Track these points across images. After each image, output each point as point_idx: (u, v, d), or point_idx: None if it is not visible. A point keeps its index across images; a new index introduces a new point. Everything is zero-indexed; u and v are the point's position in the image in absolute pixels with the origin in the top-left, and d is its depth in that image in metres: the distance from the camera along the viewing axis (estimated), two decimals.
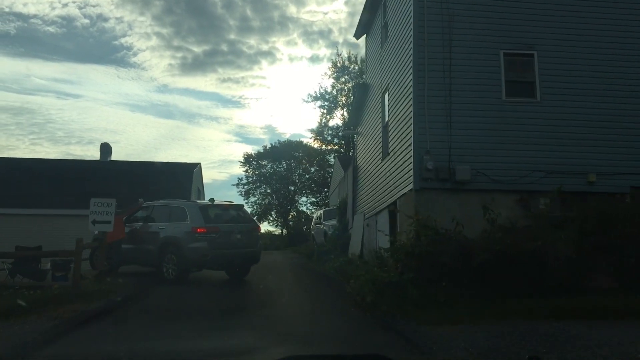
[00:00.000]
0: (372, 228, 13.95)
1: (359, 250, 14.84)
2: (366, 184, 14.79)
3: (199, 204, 12.40)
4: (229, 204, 13.15)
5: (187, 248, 11.77)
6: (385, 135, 12.93)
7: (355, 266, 13.43)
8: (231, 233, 12.15)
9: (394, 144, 11.80)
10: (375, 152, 13.77)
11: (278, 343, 6.10)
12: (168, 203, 13.03)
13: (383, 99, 13.13)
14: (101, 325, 7.43)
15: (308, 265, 17.04)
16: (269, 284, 12.31)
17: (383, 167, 12.80)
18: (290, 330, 7.09)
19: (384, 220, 12.75)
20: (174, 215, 12.56)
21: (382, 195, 12.79)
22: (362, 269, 12.14)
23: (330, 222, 20.53)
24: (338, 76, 44.82)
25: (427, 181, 10.03)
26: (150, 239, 12.60)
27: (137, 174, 30.24)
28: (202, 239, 11.77)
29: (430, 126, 10.19)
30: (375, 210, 13.61)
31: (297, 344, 6.10)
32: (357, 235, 15.22)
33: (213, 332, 6.63)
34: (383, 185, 12.73)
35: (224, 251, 11.95)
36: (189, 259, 11.75)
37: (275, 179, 51.39)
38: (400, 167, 11.08)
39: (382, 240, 12.76)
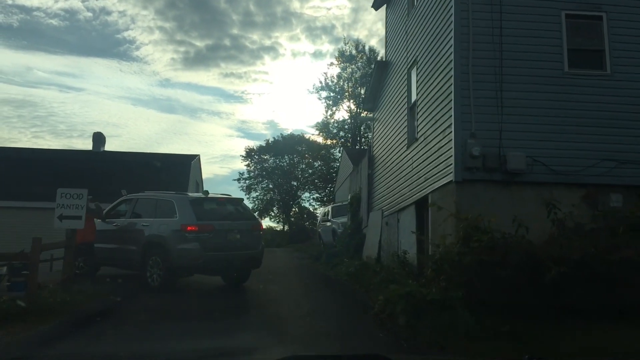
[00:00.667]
0: (392, 227, 11.98)
1: (375, 252, 12.88)
2: (385, 176, 12.82)
3: (190, 197, 10.44)
4: (226, 197, 11.19)
5: (175, 249, 9.82)
6: (412, 118, 10.95)
7: (374, 272, 11.48)
8: (228, 232, 10.20)
9: (424, 128, 9.81)
10: (398, 138, 11.79)
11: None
12: (154, 195, 11.07)
13: (409, 76, 11.14)
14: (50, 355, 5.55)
15: (316, 268, 15.09)
16: (272, 292, 10.37)
17: (409, 156, 10.82)
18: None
19: (409, 219, 10.78)
20: (161, 209, 10.61)
21: (407, 189, 10.81)
22: (384, 277, 10.22)
23: (339, 220, 18.56)
24: (345, 66, 42.79)
25: (472, 171, 8.06)
26: (132, 238, 10.65)
27: (131, 166, 28.36)
28: (193, 239, 9.82)
29: (475, 103, 8.21)
30: (397, 207, 11.64)
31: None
32: (374, 235, 13.26)
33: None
34: (408, 177, 10.76)
35: (220, 253, 10.00)
36: (177, 263, 9.80)
37: (278, 173, 49.87)
38: (434, 154, 9.11)
39: (407, 242, 10.81)
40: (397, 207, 11.60)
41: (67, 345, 5.86)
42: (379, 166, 13.60)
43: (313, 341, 6.30)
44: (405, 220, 11.08)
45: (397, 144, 11.82)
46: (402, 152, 11.38)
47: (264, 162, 50.19)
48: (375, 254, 12.88)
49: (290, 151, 49.05)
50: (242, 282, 11.11)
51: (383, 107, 13.53)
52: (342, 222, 18.18)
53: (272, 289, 10.89)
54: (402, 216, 11.29)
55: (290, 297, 9.76)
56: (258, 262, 10.79)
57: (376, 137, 14.18)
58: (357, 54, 42.42)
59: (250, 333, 6.95)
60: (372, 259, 12.98)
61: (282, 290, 10.55)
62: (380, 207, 13.22)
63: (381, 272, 10.72)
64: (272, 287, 11.16)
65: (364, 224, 14.70)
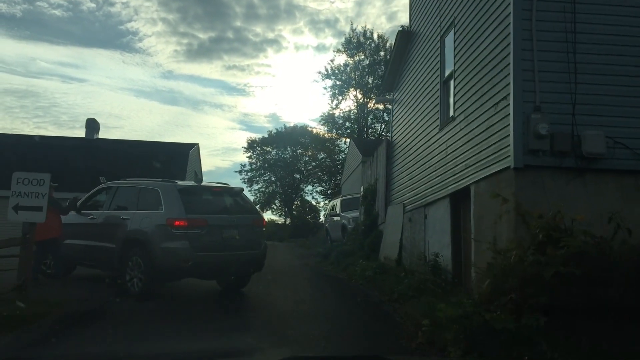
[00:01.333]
0: (417, 224, 10.20)
1: (395, 253, 11.11)
2: (408, 165, 11.03)
3: (179, 186, 8.66)
4: (223, 186, 9.42)
5: (160, 249, 8.08)
6: (446, 95, 9.15)
7: (396, 277, 9.73)
8: (224, 228, 8.45)
9: (464, 104, 8.01)
10: (426, 120, 9.99)
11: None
12: (136, 183, 9.30)
13: (442, 45, 9.31)
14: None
15: (325, 268, 13.35)
16: (276, 301, 8.63)
17: (441, 139, 9.02)
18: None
19: (440, 215, 9.00)
20: (144, 200, 8.85)
21: (439, 180, 9.03)
22: (412, 285, 8.46)
23: (350, 214, 16.79)
24: (352, 53, 40.84)
25: (537, 155, 6.27)
26: (110, 234, 8.91)
27: (125, 154, 26.58)
28: (182, 236, 8.08)
29: (540, 68, 6.40)
30: (423, 201, 9.86)
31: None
32: (393, 233, 11.49)
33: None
34: (440, 165, 8.97)
35: (214, 254, 8.26)
36: (161, 265, 8.06)
37: (280, 166, 48.54)
38: (480, 135, 7.31)
39: (437, 243, 9.05)
40: (424, 201, 9.82)
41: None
42: (399, 154, 11.81)
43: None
44: (435, 216, 9.30)
45: (425, 126, 10.02)
46: (431, 135, 9.58)
47: (266, 154, 48.93)
48: (395, 255, 11.12)
49: (293, 143, 47.86)
50: (240, 287, 9.38)
51: (405, 85, 11.71)
52: (352, 217, 16.42)
53: (275, 295, 9.15)
54: (431, 211, 9.51)
55: (298, 308, 8.00)
56: (260, 265, 9.03)
57: (396, 121, 12.37)
58: (365, 41, 40.46)
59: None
60: (392, 261, 11.21)
61: (287, 298, 8.79)
62: (400, 200, 11.44)
63: (406, 277, 8.96)
64: (275, 293, 9.42)
65: (380, 220, 12.93)
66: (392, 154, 12.41)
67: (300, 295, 9.31)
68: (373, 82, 40.47)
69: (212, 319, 7.24)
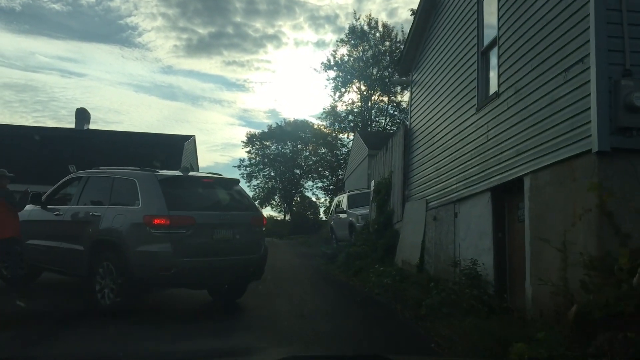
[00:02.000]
0: (445, 224, 8.66)
1: (417, 257, 9.57)
2: (432, 154, 9.47)
3: (160, 176, 7.09)
4: (215, 177, 7.88)
5: (135, 253, 6.55)
6: (485, 67, 7.59)
7: (420, 287, 8.22)
8: (216, 227, 6.92)
9: (514, 76, 6.45)
10: (458, 101, 8.42)
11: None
12: (110, 173, 7.73)
13: (480, 6, 7.72)
14: None
15: (332, 272, 11.80)
16: (279, 314, 7.10)
17: (479, 122, 7.47)
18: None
19: (477, 212, 7.45)
20: (118, 193, 7.31)
21: (476, 170, 7.48)
22: (445, 299, 6.94)
23: (358, 211, 15.23)
24: (356, 43, 39.14)
25: (629, 135, 4.72)
26: (77, 234, 7.38)
27: (116, 145, 24.99)
28: (163, 238, 6.55)
29: (632, 20, 4.85)
30: (453, 195, 8.31)
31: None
32: (414, 233, 9.94)
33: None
34: (479, 152, 7.42)
35: (202, 260, 6.74)
36: (137, 274, 6.53)
37: (280, 161, 47.18)
38: (539, 113, 5.76)
39: (472, 246, 7.51)
40: (454, 196, 8.27)
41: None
42: (420, 142, 10.24)
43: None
44: (469, 214, 7.75)
45: (456, 108, 8.45)
46: (465, 118, 8.02)
47: (265, 149, 47.54)
48: (415, 259, 9.57)
49: (294, 138, 46.48)
50: (235, 298, 7.84)
51: (428, 63, 10.13)
52: (361, 214, 14.86)
53: (278, 309, 7.60)
54: (464, 208, 7.96)
55: (306, 326, 6.44)
56: (258, 272, 7.49)
57: (416, 105, 10.79)
58: (370, 31, 38.77)
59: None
60: (412, 265, 9.68)
61: (292, 313, 7.24)
62: (422, 195, 9.89)
63: (435, 287, 7.41)
64: (278, 305, 7.88)
65: (396, 218, 11.38)
66: (411, 142, 10.84)
67: (307, 307, 7.77)
68: (378, 73, 38.84)
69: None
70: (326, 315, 7.32)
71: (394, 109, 39.58)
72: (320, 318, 7.10)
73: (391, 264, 10.57)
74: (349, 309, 7.95)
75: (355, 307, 8.10)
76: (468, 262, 7.36)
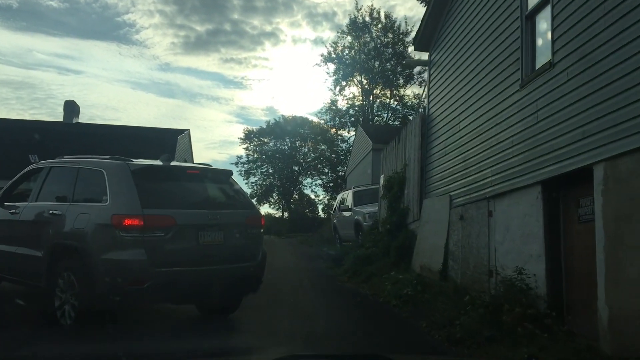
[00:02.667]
0: (476, 224, 7.35)
1: (439, 262, 8.25)
2: (458, 143, 8.15)
3: (134, 165, 5.73)
4: (202, 167, 6.56)
5: (100, 262, 5.24)
6: (530, 35, 6.27)
7: (448, 298, 6.93)
8: (203, 229, 5.61)
9: (575, 40, 5.14)
10: (491, 78, 7.10)
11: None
12: (75, 162, 6.38)
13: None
14: None
15: (339, 277, 10.46)
16: (280, 335, 5.78)
17: (524, 100, 6.15)
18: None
19: (522, 211, 6.14)
20: (83, 187, 5.99)
21: (520, 159, 6.17)
22: (483, 316, 5.65)
23: (365, 209, 13.90)
24: (357, 35, 37.72)
25: None
26: (35, 237, 6.07)
27: (106, 139, 23.51)
28: (135, 242, 5.25)
29: None
30: (488, 191, 7.00)
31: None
32: (435, 234, 8.63)
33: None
34: (523, 137, 6.11)
35: (185, 270, 5.43)
36: (103, 287, 5.22)
37: (278, 157, 46.07)
38: (618, 81, 4.45)
39: (514, 252, 6.22)
40: (489, 191, 6.96)
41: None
42: (442, 130, 8.91)
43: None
44: (510, 212, 6.44)
45: (491, 86, 7.12)
46: (504, 97, 6.69)
47: (263, 145, 46.40)
48: (438, 265, 8.26)
49: (292, 134, 45.32)
50: (227, 313, 6.52)
51: (452, 39, 8.80)
52: (369, 212, 13.54)
53: (277, 326, 6.29)
54: (502, 205, 6.65)
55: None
56: (256, 282, 6.16)
57: (436, 89, 9.46)
58: (372, 22, 37.34)
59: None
60: (433, 272, 8.36)
61: (295, 336, 5.92)
62: (445, 191, 8.57)
63: (469, 302, 6.10)
64: (279, 321, 6.56)
65: (412, 217, 10.05)
66: (429, 131, 9.51)
67: (314, 324, 6.46)
68: (379, 66, 37.47)
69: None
70: (339, 336, 5.99)
71: (397, 103, 38.28)
72: (333, 339, 5.79)
73: (407, 269, 9.27)
74: (365, 326, 6.60)
75: (371, 323, 6.78)
76: (510, 271, 6.06)
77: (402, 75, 37.62)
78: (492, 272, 6.70)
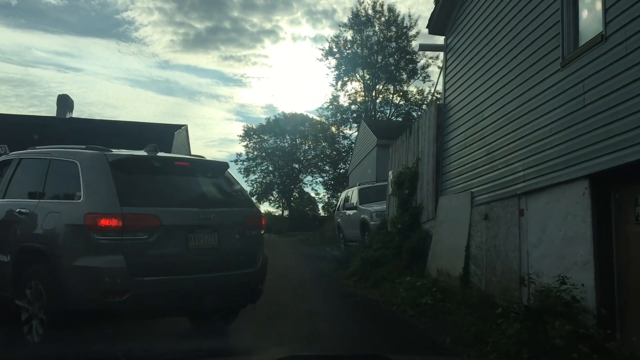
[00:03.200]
0: (502, 224, 6.53)
1: (459, 266, 7.43)
2: (481, 133, 7.33)
3: (113, 156, 4.90)
4: (193, 159, 5.74)
5: (71, 270, 4.44)
6: (573, 6, 5.43)
7: (472, 309, 6.15)
8: (192, 231, 4.80)
9: (635, 7, 4.29)
10: (524, 58, 6.27)
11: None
12: (47, 153, 5.54)
13: None
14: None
15: (345, 281, 9.66)
16: None
17: (567, 81, 5.33)
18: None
19: (563, 210, 5.33)
20: (55, 181, 5.19)
21: (561, 150, 5.36)
22: (518, 334, 4.84)
23: (373, 207, 13.07)
24: (360, 29, 36.82)
25: None
26: (1, 239, 5.23)
27: (100, 135, 22.46)
28: (113, 247, 4.44)
29: None
30: (519, 187, 6.19)
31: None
32: (454, 235, 7.81)
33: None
34: (565, 124, 5.28)
35: (172, 279, 4.62)
36: (74, 299, 4.41)
37: (279, 155, 45.32)
38: None
39: (552, 257, 5.41)
40: (521, 187, 6.14)
41: None
42: (461, 120, 8.09)
43: None
44: (548, 211, 5.62)
45: (524, 67, 6.28)
46: (540, 79, 5.86)
47: (263, 142, 45.62)
48: (458, 269, 7.44)
49: (292, 131, 44.58)
50: (224, 325, 5.70)
51: (472, 19, 7.98)
52: (376, 211, 12.72)
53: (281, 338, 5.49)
54: (538, 203, 5.83)
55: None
56: (255, 293, 5.34)
57: (453, 75, 8.63)
58: (374, 15, 36.44)
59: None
60: (452, 277, 7.55)
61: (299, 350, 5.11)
62: (465, 187, 7.75)
63: (503, 315, 5.28)
64: (281, 333, 5.75)
65: (426, 216, 9.23)
66: (446, 122, 8.69)
67: (323, 336, 5.65)
68: (382, 61, 36.60)
69: None
70: (350, 350, 5.17)
71: (400, 98, 37.41)
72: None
73: (421, 273, 8.45)
74: (380, 340, 5.78)
75: (387, 337, 5.95)
76: (547, 279, 5.25)
77: (405, 70, 36.77)
78: (525, 279, 5.88)
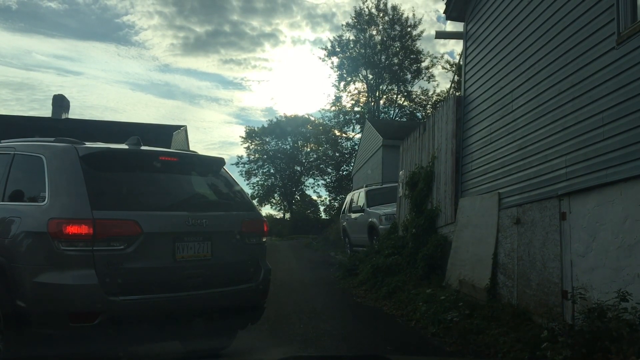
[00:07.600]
0: (539, 230, 5.71)
1: (486, 276, 6.60)
2: (511, 126, 6.50)
3: (84, 149, 4.09)
4: (183, 154, 4.94)
5: (32, 287, 3.62)
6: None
7: (507, 328, 5.32)
8: (180, 239, 3.97)
9: None
10: (565, 38, 5.46)
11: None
12: (11, 148, 4.71)
13: None
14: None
15: (354, 291, 8.84)
16: None
17: (625, 61, 4.53)
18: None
19: (620, 214, 4.52)
20: (17, 179, 4.36)
21: (617, 142, 4.55)
22: (568, 358, 4.01)
23: (382, 210, 12.24)
24: (363, 28, 36.05)
25: None
26: None
27: (97, 136, 22.03)
28: (82, 259, 3.63)
29: None
30: (559, 187, 5.37)
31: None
32: (478, 242, 6.98)
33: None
34: (623, 111, 4.48)
35: (155, 298, 3.79)
36: (36, 322, 3.59)
37: (280, 157, 44.77)
38: None
39: (600, 269, 4.59)
40: (563, 186, 5.32)
41: None
42: (485, 113, 7.27)
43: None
44: (599, 214, 4.80)
45: (564, 50, 5.47)
46: (589, 61, 5.03)
47: (265, 145, 45.07)
48: (484, 280, 6.61)
49: (294, 133, 44.05)
50: (219, 349, 4.87)
51: (495, 4, 7.17)
52: (386, 214, 11.89)
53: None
54: (585, 206, 5.01)
55: None
56: (256, 311, 4.52)
57: (474, 65, 7.83)
58: (378, 14, 35.65)
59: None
60: (478, 289, 6.71)
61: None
62: (491, 187, 6.93)
63: (549, 338, 4.45)
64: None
65: (444, 219, 8.39)
66: (467, 116, 7.87)
67: None
68: (386, 60, 35.82)
69: None
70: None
71: (404, 99, 36.62)
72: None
73: (440, 284, 7.63)
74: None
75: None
76: (599, 294, 4.43)
77: (409, 70, 35.99)
78: (568, 293, 5.05)
